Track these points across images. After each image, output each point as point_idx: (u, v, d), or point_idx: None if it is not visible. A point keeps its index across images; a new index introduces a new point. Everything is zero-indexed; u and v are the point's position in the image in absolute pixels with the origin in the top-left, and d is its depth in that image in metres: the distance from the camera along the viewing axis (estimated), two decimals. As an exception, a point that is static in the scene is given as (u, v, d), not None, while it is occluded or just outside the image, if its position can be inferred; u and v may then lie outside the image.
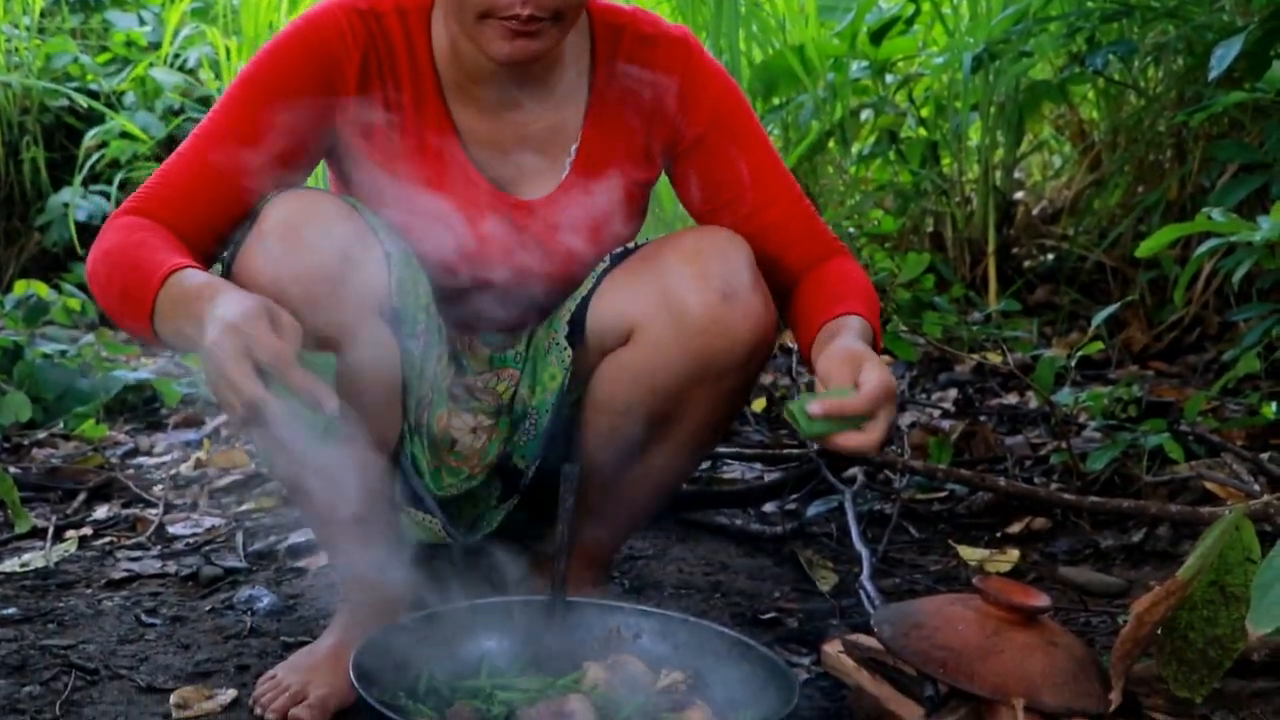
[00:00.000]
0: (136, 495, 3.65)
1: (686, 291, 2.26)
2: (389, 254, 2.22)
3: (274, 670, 2.40)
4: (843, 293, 2.34)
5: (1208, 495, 3.24)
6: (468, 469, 2.44)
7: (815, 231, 2.44)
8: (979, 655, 2.08)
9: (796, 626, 2.76)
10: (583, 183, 2.36)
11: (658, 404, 2.35)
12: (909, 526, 3.35)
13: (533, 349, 2.48)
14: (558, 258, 2.39)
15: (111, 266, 2.15)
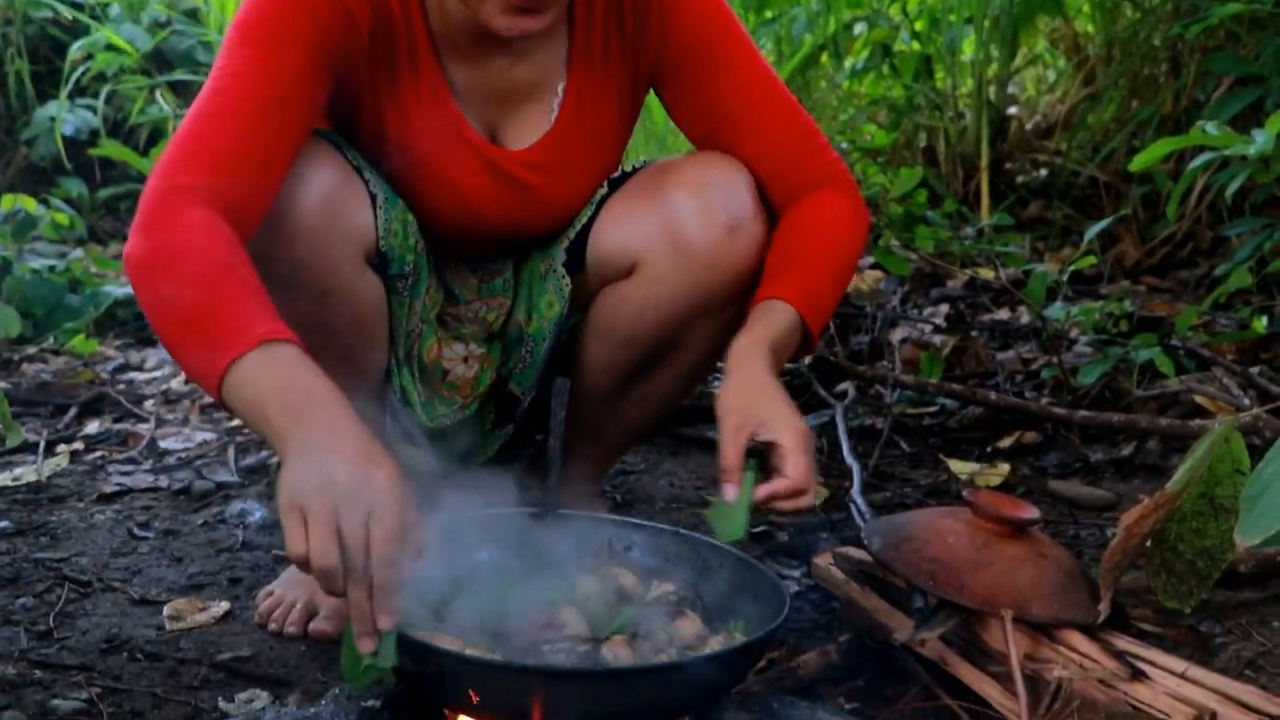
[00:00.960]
0: (128, 410, 3.65)
1: (691, 225, 2.24)
2: (374, 195, 2.19)
3: (270, 587, 2.41)
4: (794, 256, 2.27)
5: (1198, 409, 3.24)
6: (460, 399, 2.43)
7: (804, 158, 2.36)
8: (968, 567, 2.09)
9: (787, 540, 2.77)
10: (570, 127, 2.31)
11: (660, 335, 2.34)
12: (900, 441, 3.35)
13: (527, 275, 2.46)
14: (548, 205, 2.36)
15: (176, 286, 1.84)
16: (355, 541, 1.62)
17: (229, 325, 1.79)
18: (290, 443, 1.69)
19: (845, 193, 2.36)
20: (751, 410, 2.08)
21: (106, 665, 2.20)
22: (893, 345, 3.87)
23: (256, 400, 1.75)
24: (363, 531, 1.62)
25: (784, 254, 2.27)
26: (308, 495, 1.64)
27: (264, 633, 2.34)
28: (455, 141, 2.26)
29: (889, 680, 2.14)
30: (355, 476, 1.65)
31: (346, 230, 2.14)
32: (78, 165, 5.76)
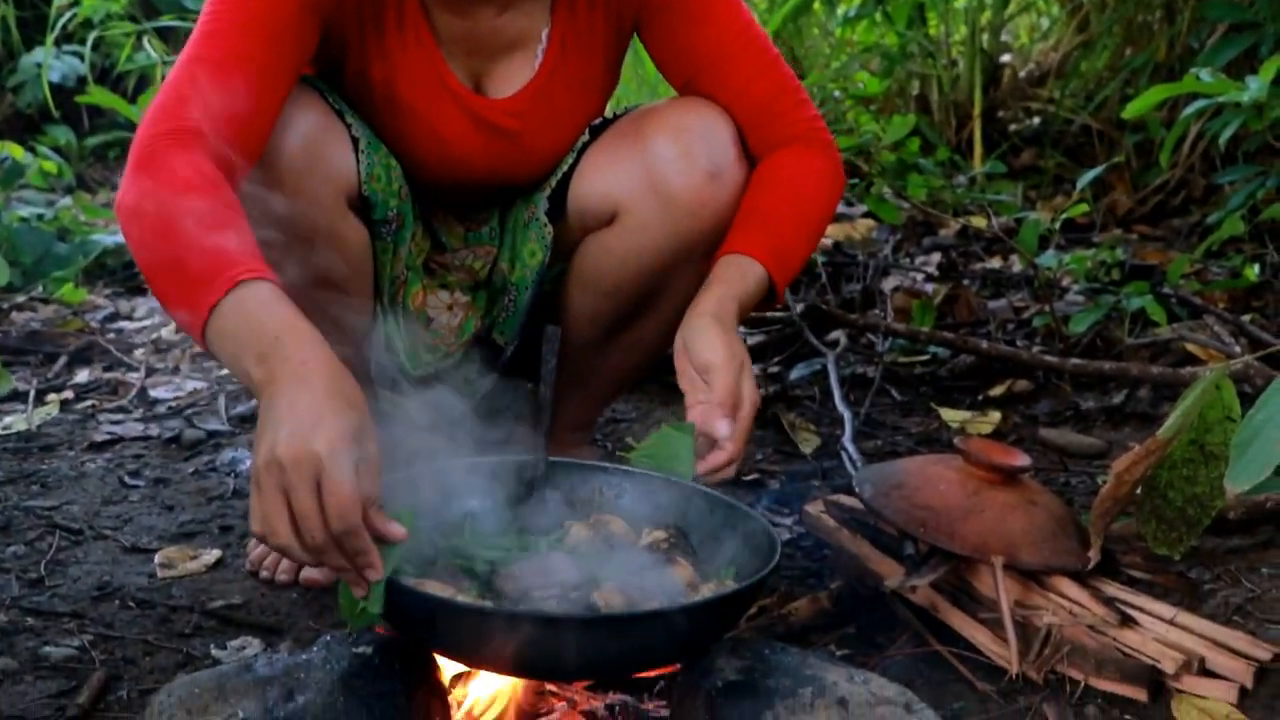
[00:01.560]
0: (117, 359, 3.65)
1: (672, 173, 2.22)
2: (356, 139, 2.17)
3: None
4: (763, 211, 2.25)
5: (1189, 357, 3.25)
6: (445, 347, 2.42)
7: (780, 112, 2.32)
8: (959, 514, 2.09)
9: (779, 488, 2.77)
10: (554, 75, 2.29)
11: (643, 284, 2.33)
12: (891, 389, 3.35)
13: (511, 223, 2.45)
14: (531, 152, 2.34)
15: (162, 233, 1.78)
16: (308, 516, 1.58)
17: (207, 270, 1.72)
18: (262, 401, 1.66)
19: (820, 150, 2.32)
20: (722, 379, 2.04)
21: (98, 613, 2.21)
22: (885, 294, 3.87)
23: (234, 352, 1.70)
24: (315, 506, 1.57)
25: (753, 208, 2.24)
26: (258, 472, 1.60)
27: (255, 580, 2.34)
28: (438, 90, 2.25)
29: (880, 627, 2.14)
30: (296, 448, 1.57)
31: (328, 174, 2.12)
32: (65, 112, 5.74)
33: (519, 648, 1.62)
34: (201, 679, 1.57)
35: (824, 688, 1.60)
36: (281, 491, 1.58)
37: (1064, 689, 1.94)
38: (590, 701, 1.83)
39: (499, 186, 2.39)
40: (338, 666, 1.59)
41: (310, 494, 1.57)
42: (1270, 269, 3.78)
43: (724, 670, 1.65)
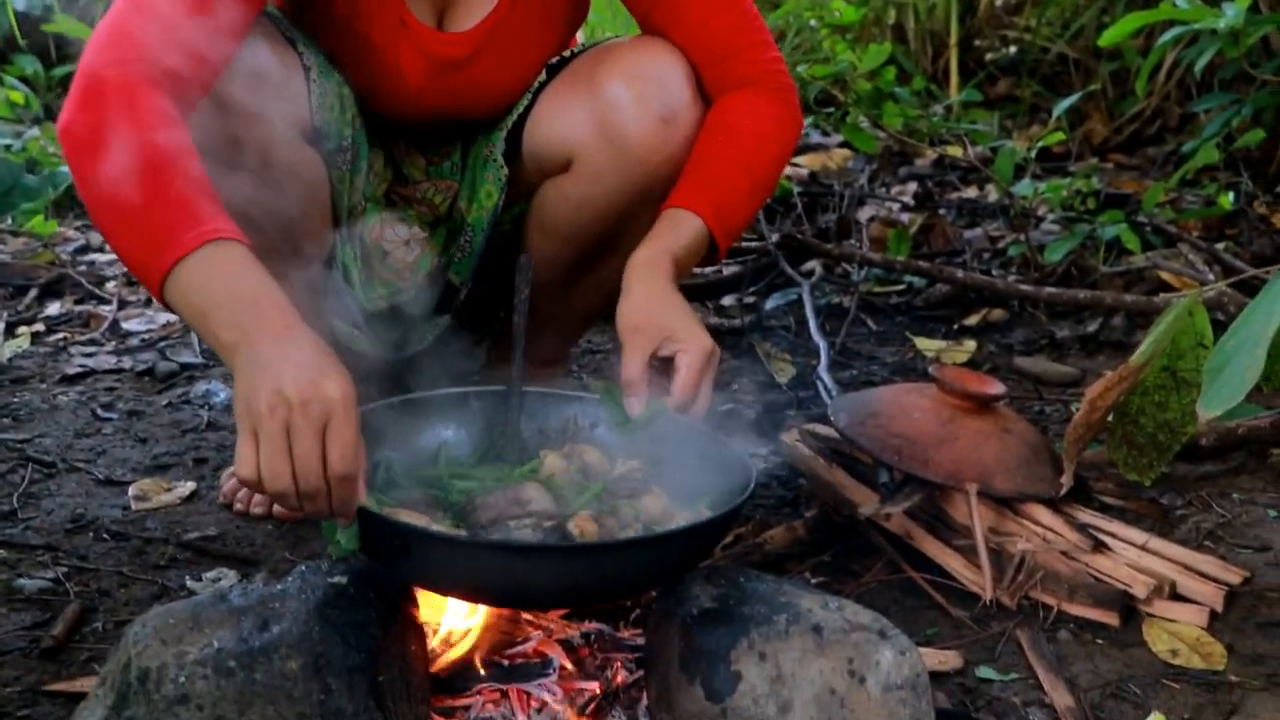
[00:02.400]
0: (89, 292, 3.63)
1: (625, 119, 2.17)
2: (308, 68, 2.13)
3: (234, 467, 2.40)
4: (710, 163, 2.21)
5: (1163, 285, 3.26)
6: (399, 282, 2.39)
7: (737, 51, 2.24)
8: (934, 442, 2.10)
9: (754, 417, 2.77)
10: (515, 10, 2.26)
11: (601, 229, 2.30)
12: (867, 319, 3.36)
13: (472, 159, 2.42)
14: (487, 89, 2.31)
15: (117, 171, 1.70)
16: (309, 462, 1.56)
17: (173, 221, 1.66)
18: (239, 356, 1.61)
19: (776, 95, 2.24)
20: (656, 324, 1.97)
21: (72, 545, 2.20)
22: (860, 223, 3.87)
23: (201, 308, 1.64)
24: (317, 450, 1.56)
25: (701, 159, 2.18)
26: (259, 413, 1.55)
27: (229, 513, 2.34)
28: (394, 24, 2.21)
29: (855, 555, 2.16)
30: (307, 390, 1.55)
31: (278, 103, 2.08)
32: (31, 42, 5.66)
33: (490, 577, 1.62)
34: (176, 610, 1.57)
35: (798, 615, 1.60)
36: (285, 431, 1.55)
37: (1037, 614, 1.96)
38: (566, 630, 1.84)
39: (456, 120, 2.36)
40: (313, 596, 1.58)
41: (315, 437, 1.55)
42: (1244, 197, 3.78)
43: (699, 598, 1.66)
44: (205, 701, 1.45)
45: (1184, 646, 1.86)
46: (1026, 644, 1.88)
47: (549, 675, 1.73)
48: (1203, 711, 1.73)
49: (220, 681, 1.46)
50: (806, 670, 1.56)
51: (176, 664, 1.47)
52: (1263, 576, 2.03)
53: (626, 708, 1.72)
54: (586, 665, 1.80)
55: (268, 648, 1.50)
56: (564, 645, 1.80)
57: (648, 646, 1.72)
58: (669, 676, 1.61)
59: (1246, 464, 2.38)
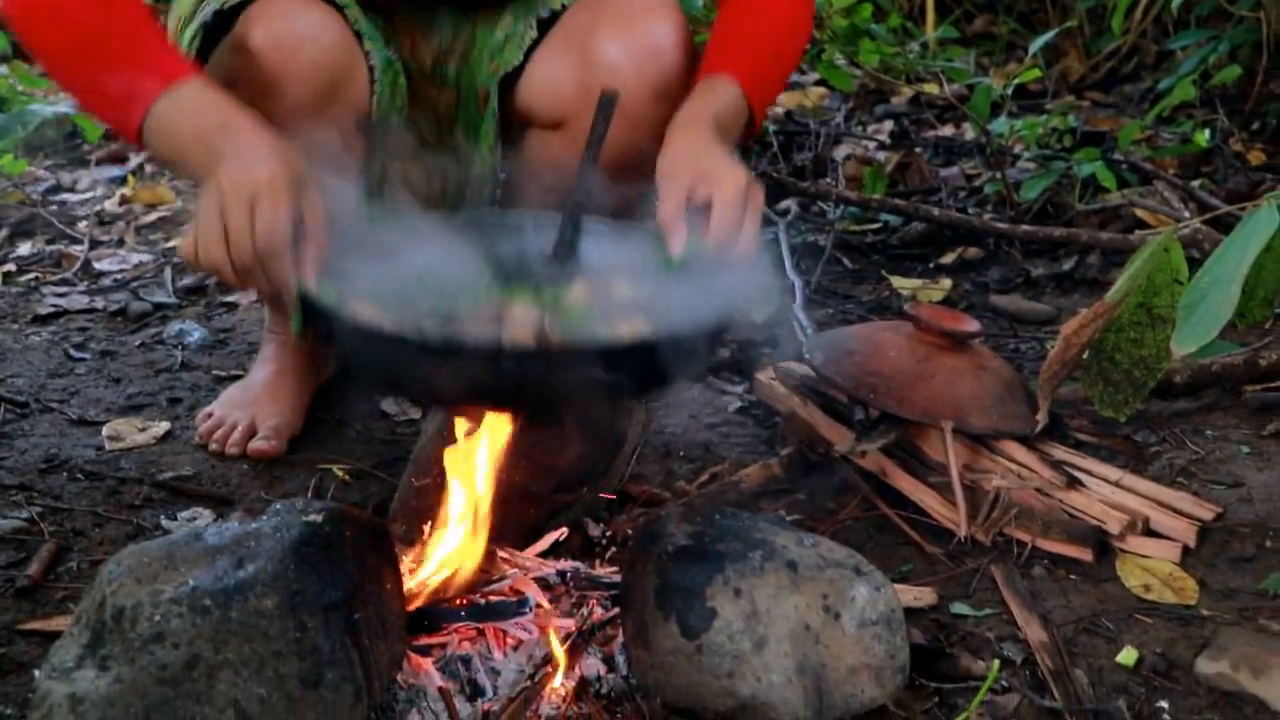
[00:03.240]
0: (61, 231, 3.61)
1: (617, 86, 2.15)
2: (373, 68, 2.11)
3: (210, 408, 2.40)
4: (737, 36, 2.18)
5: (1139, 223, 3.26)
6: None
7: None
8: (909, 380, 2.11)
9: (730, 356, 2.77)
10: None
11: None
12: (842, 257, 3.35)
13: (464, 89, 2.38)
14: None
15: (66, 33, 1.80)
16: (239, 234, 1.64)
17: (132, 76, 1.77)
18: (209, 174, 1.69)
19: None
20: (689, 167, 1.91)
21: (46, 485, 2.20)
22: (836, 161, 3.86)
23: (178, 151, 1.78)
24: (246, 226, 1.64)
25: (727, 34, 2.14)
26: (200, 205, 1.68)
27: (205, 452, 2.33)
28: None
29: (830, 492, 2.16)
30: (238, 174, 1.66)
31: (343, 106, 2.08)
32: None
33: (401, 368, 1.60)
34: (151, 548, 1.57)
35: (774, 551, 1.61)
36: (219, 212, 1.65)
37: (1011, 550, 1.97)
38: (542, 567, 1.85)
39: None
40: (288, 535, 1.58)
41: (244, 213, 1.64)
42: (1220, 134, 3.79)
43: (675, 535, 1.66)
44: (181, 640, 1.45)
45: (1157, 581, 1.88)
46: (1001, 580, 1.89)
47: (525, 613, 1.73)
48: (1175, 645, 1.74)
49: (195, 620, 1.46)
50: (781, 606, 1.57)
51: (151, 602, 1.47)
52: (1235, 512, 2.05)
53: (603, 644, 1.73)
54: (563, 603, 1.80)
55: (243, 586, 1.50)
56: (540, 583, 1.80)
57: (624, 583, 1.73)
58: (645, 613, 1.62)
59: (1220, 401, 2.39)
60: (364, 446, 2.36)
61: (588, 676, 1.68)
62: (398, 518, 1.97)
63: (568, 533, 1.95)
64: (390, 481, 2.18)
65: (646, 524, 1.73)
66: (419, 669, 1.66)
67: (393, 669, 1.64)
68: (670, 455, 2.32)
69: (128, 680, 1.43)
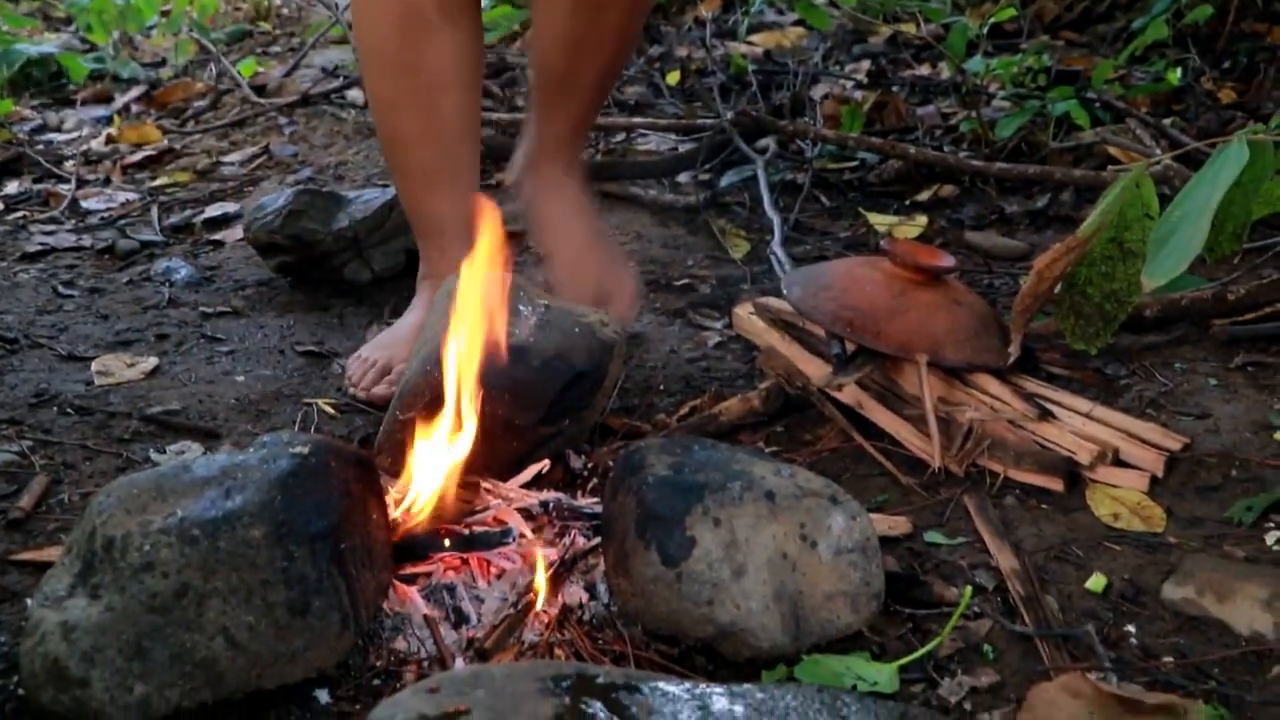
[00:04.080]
0: (48, 170, 3.61)
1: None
2: None
3: (361, 350, 2.42)
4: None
5: (1111, 160, 3.28)
6: None
7: None
8: (885, 314, 2.13)
9: (709, 292, 2.80)
10: None
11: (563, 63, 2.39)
12: (820, 195, 3.37)
13: None
14: None
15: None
16: None
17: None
18: None
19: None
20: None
21: (36, 419, 2.22)
22: (814, 101, 3.88)
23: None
24: None
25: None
26: None
27: (192, 386, 2.35)
28: None
29: (807, 425, 2.19)
30: None
31: None
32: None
33: None
34: (140, 480, 1.59)
35: (752, 481, 1.64)
36: None
37: (984, 481, 1.99)
38: (525, 498, 1.87)
39: None
40: (275, 467, 1.60)
41: None
42: (1192, 73, 3.81)
43: (655, 466, 1.68)
44: (170, 569, 1.47)
45: (1125, 510, 1.91)
46: (973, 509, 1.92)
47: (509, 543, 1.76)
48: (1142, 572, 1.77)
49: (184, 549, 1.48)
50: (760, 535, 1.60)
51: (141, 533, 1.49)
52: (1202, 443, 2.08)
53: (584, 573, 1.76)
54: (545, 533, 1.83)
55: (231, 516, 1.52)
56: (523, 514, 1.83)
57: (605, 514, 1.75)
58: (626, 542, 1.64)
59: (1189, 335, 2.42)
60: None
61: (570, 604, 1.70)
62: (383, 450, 2.00)
63: (550, 464, 1.98)
64: (375, 415, 2.21)
65: (627, 455, 1.74)
66: (404, 597, 1.69)
67: (379, 597, 1.67)
68: (651, 389, 2.35)
69: (119, 608, 1.45)
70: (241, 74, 4.60)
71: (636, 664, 1.60)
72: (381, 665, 1.60)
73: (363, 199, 2.88)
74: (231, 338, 2.57)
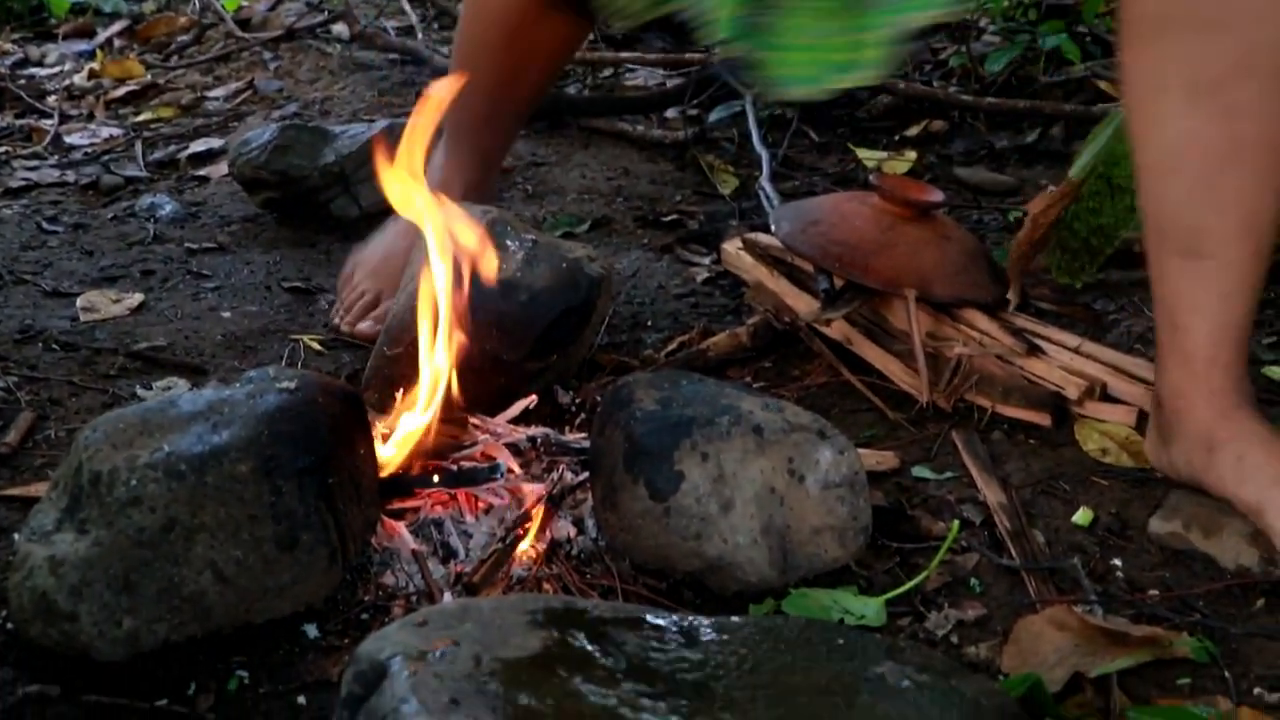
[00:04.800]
0: (30, 105, 3.59)
1: None
2: None
3: (353, 270, 2.40)
4: None
5: (1102, 95, 3.27)
6: None
7: None
8: (873, 249, 2.13)
9: (697, 228, 2.79)
10: None
11: None
12: (809, 130, 3.36)
13: None
14: None
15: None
16: None
17: None
18: None
19: None
20: None
21: (22, 355, 2.21)
22: (804, 35, 3.85)
23: None
24: None
25: None
26: None
27: (178, 322, 2.35)
28: None
29: (795, 360, 2.19)
30: None
31: None
32: None
33: None
34: (126, 415, 1.59)
35: (740, 416, 1.64)
36: None
37: (972, 416, 2.00)
38: (513, 433, 1.87)
39: None
40: (262, 402, 1.60)
41: None
42: (1185, 7, 3.78)
43: (643, 401, 1.68)
44: (157, 504, 1.47)
45: (1113, 445, 1.91)
46: (961, 444, 1.93)
47: (497, 478, 1.76)
48: (1129, 506, 1.78)
49: (171, 484, 1.48)
50: (747, 470, 1.60)
51: (128, 468, 1.49)
52: (1191, 378, 2.08)
53: (572, 508, 1.76)
54: (533, 468, 1.83)
55: (218, 451, 1.52)
56: (511, 449, 1.83)
57: (593, 448, 1.75)
58: (614, 477, 1.65)
59: (1178, 270, 2.41)
60: (336, 317, 2.38)
61: (558, 539, 1.71)
62: (371, 386, 2.00)
63: (538, 400, 1.98)
64: (363, 351, 2.21)
65: (615, 390, 1.74)
66: (393, 532, 1.69)
67: (367, 533, 1.67)
68: (639, 325, 2.35)
69: (106, 543, 1.45)
70: (225, 8, 4.57)
71: (624, 598, 1.61)
72: (369, 600, 1.61)
73: (349, 134, 2.86)
74: (217, 274, 2.56)
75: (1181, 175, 1.61)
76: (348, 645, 1.52)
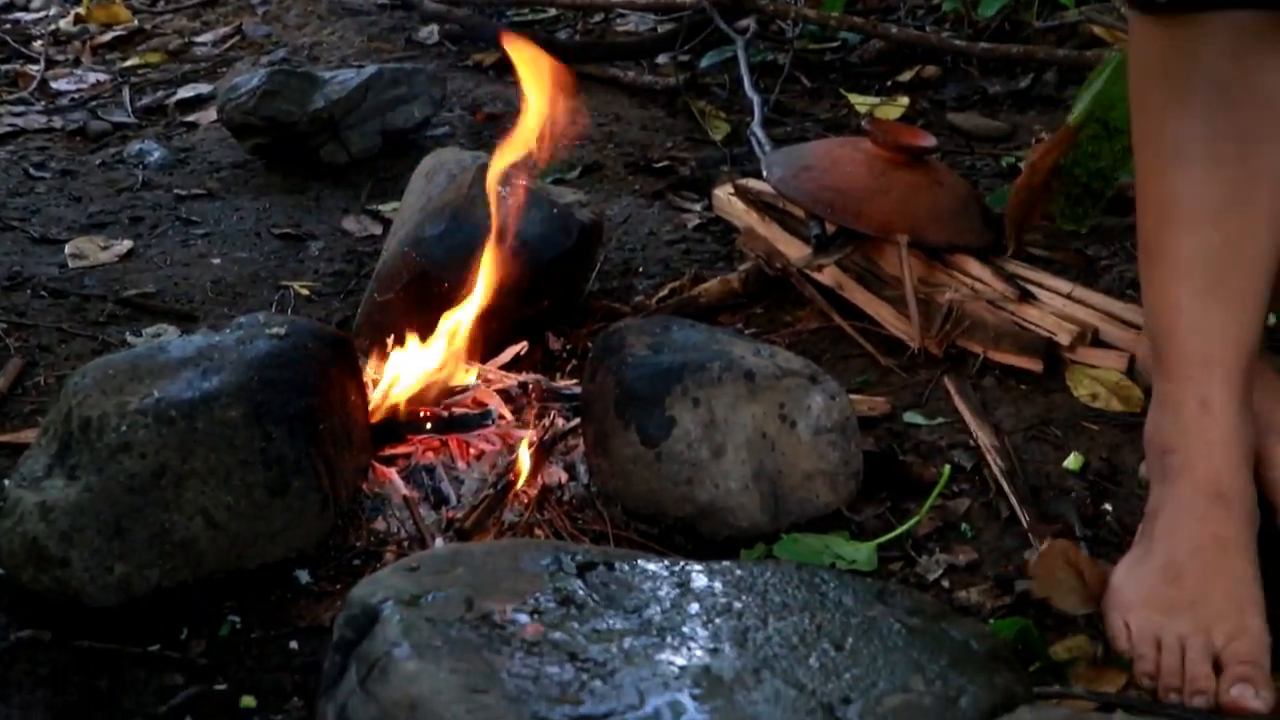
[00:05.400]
0: (15, 50, 3.56)
1: None
2: None
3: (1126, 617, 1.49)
4: None
5: (1095, 40, 3.25)
6: None
7: None
8: (866, 195, 2.12)
9: (688, 174, 2.78)
10: None
11: None
12: (801, 76, 3.34)
13: None
14: None
15: None
16: None
17: None
18: None
19: None
20: None
21: (10, 302, 2.20)
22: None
23: None
24: None
25: None
26: None
27: (168, 269, 2.34)
28: None
29: (787, 306, 2.19)
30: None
31: None
32: None
33: None
34: (116, 361, 1.58)
35: (731, 362, 1.64)
36: None
37: (964, 362, 2.00)
38: (504, 379, 1.87)
39: None
40: (252, 348, 1.60)
41: None
42: (1180, -49, 3.76)
43: (634, 347, 1.68)
44: (148, 450, 1.47)
45: (1104, 390, 1.91)
46: (953, 390, 1.92)
47: (488, 424, 1.76)
48: (1119, 451, 1.78)
49: (161, 430, 1.48)
50: (739, 415, 1.60)
51: (117, 413, 1.49)
52: (1182, 324, 2.07)
53: (564, 454, 1.76)
54: (525, 414, 1.83)
55: (208, 397, 1.52)
56: (503, 395, 1.83)
57: (584, 394, 1.75)
58: (605, 423, 1.65)
59: (1171, 216, 2.41)
60: (325, 264, 2.38)
61: (550, 485, 1.71)
62: (362, 332, 2.00)
63: (529, 346, 1.98)
64: (353, 298, 2.20)
65: (606, 336, 1.74)
66: (384, 478, 1.69)
67: (358, 478, 1.67)
68: (630, 271, 2.34)
69: (97, 489, 1.45)
70: (214, -47, 4.53)
71: (616, 543, 1.61)
72: (361, 545, 1.61)
73: (338, 80, 2.85)
74: (207, 220, 2.55)
75: None
76: (340, 590, 1.52)
